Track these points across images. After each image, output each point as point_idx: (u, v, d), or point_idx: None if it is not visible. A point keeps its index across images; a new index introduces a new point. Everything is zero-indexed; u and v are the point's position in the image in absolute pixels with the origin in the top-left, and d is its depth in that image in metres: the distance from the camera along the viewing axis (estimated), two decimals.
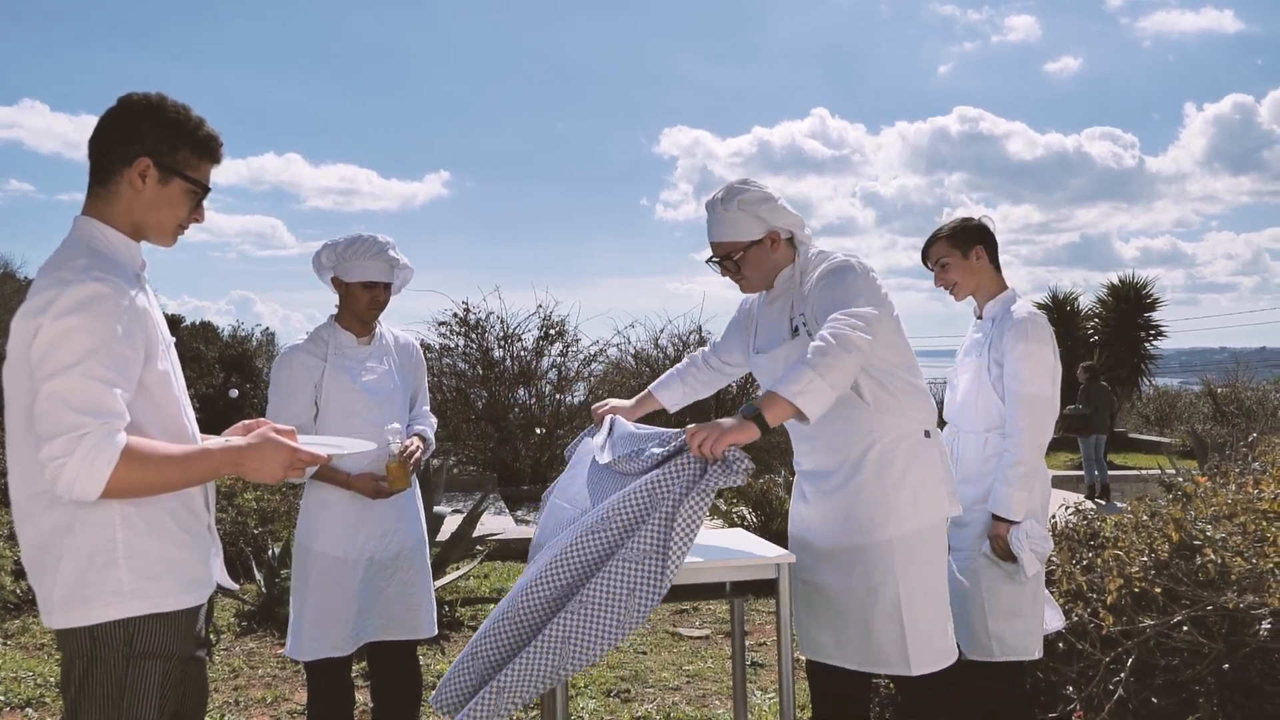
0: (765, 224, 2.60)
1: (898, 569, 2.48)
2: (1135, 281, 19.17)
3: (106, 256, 1.78)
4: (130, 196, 1.82)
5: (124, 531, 1.74)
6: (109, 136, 1.82)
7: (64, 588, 1.73)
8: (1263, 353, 71.06)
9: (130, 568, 1.74)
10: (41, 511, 1.73)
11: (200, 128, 1.86)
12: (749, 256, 2.62)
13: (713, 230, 2.66)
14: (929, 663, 2.49)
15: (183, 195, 1.86)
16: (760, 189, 2.62)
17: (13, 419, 1.73)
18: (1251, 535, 3.16)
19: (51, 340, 1.65)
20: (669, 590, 2.14)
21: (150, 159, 1.81)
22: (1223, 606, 2.96)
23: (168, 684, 1.78)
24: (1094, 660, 3.17)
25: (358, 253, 2.96)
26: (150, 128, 1.81)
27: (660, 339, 13.83)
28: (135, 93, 1.85)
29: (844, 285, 2.45)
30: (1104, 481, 11.12)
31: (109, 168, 1.82)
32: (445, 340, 12.29)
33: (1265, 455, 3.83)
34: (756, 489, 6.76)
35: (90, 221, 1.83)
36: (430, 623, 3.09)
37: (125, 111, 1.83)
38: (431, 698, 2.35)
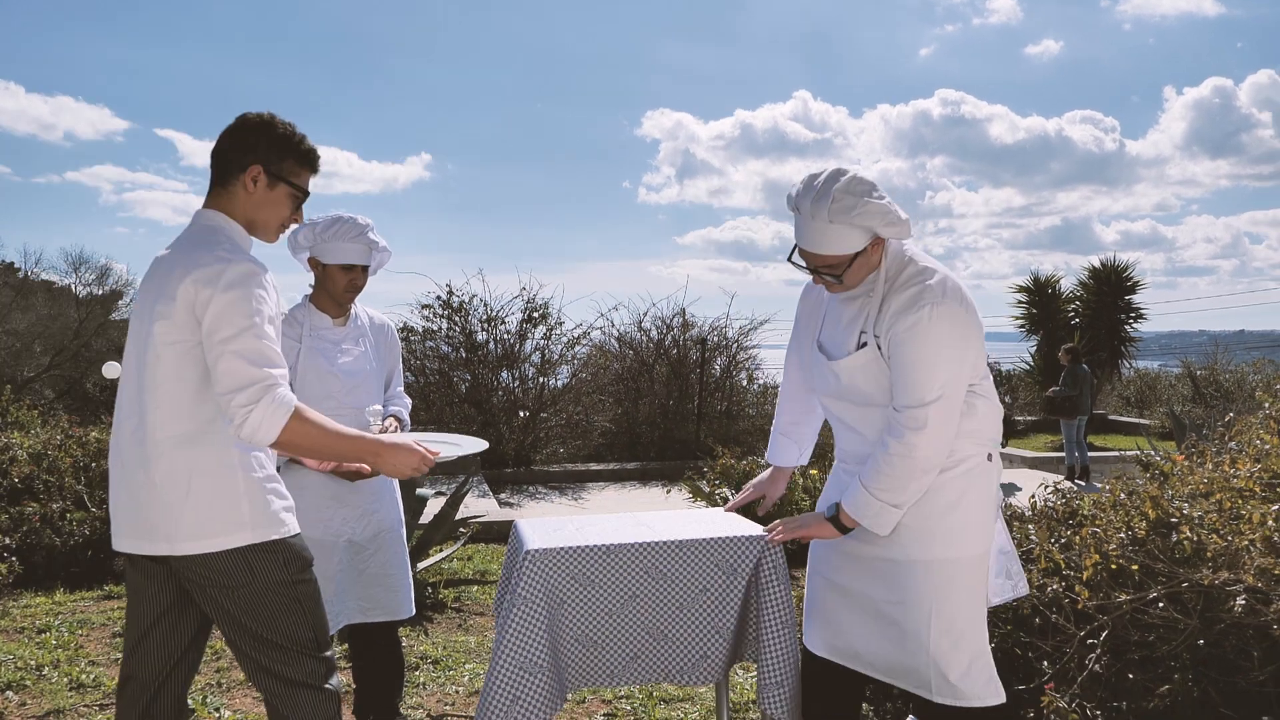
0: (871, 233, 2.32)
1: (933, 593, 2.35)
2: (1116, 265, 19.30)
3: (237, 243, 2.15)
4: (244, 197, 2.19)
5: (242, 473, 2.09)
6: (229, 146, 2.19)
7: (194, 520, 2.05)
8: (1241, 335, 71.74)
9: (250, 503, 2.10)
10: (173, 450, 2.06)
11: (302, 142, 2.24)
12: (851, 269, 2.36)
13: (809, 238, 2.34)
14: (949, 695, 2.36)
15: (286, 198, 2.23)
16: (870, 196, 2.28)
17: (163, 367, 2.06)
18: (1227, 513, 3.20)
19: (223, 309, 2.00)
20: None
21: (261, 166, 2.18)
22: (1198, 583, 3.00)
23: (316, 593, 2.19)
24: (1068, 634, 3.21)
25: (337, 234, 2.94)
26: (263, 141, 2.19)
27: (644, 321, 13.84)
28: (250, 112, 2.22)
29: (930, 345, 2.28)
30: (1084, 463, 11.21)
31: (228, 172, 2.19)
32: (428, 323, 12.25)
33: (1241, 435, 3.87)
34: (740, 470, 6.78)
35: (216, 214, 2.19)
36: (409, 603, 3.10)
37: (242, 126, 2.20)
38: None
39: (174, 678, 2.24)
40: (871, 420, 2.45)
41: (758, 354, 14.42)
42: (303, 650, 2.17)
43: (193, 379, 2.07)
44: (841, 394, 2.49)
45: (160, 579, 2.20)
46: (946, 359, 2.29)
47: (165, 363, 2.07)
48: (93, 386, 22.20)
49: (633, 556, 2.54)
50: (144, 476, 2.09)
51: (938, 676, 2.35)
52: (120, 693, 2.25)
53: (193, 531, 2.07)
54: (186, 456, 2.07)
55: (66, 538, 5.82)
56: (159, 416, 2.07)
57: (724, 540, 2.59)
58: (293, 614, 2.15)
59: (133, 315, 2.20)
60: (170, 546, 2.08)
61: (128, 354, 2.19)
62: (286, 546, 2.16)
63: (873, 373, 2.39)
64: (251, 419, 1.97)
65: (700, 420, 13.01)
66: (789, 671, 2.56)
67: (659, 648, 2.58)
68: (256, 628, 2.13)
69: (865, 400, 2.45)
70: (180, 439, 2.07)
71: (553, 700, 2.46)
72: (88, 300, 25.48)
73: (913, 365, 2.29)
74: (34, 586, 5.59)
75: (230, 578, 2.10)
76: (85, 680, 3.99)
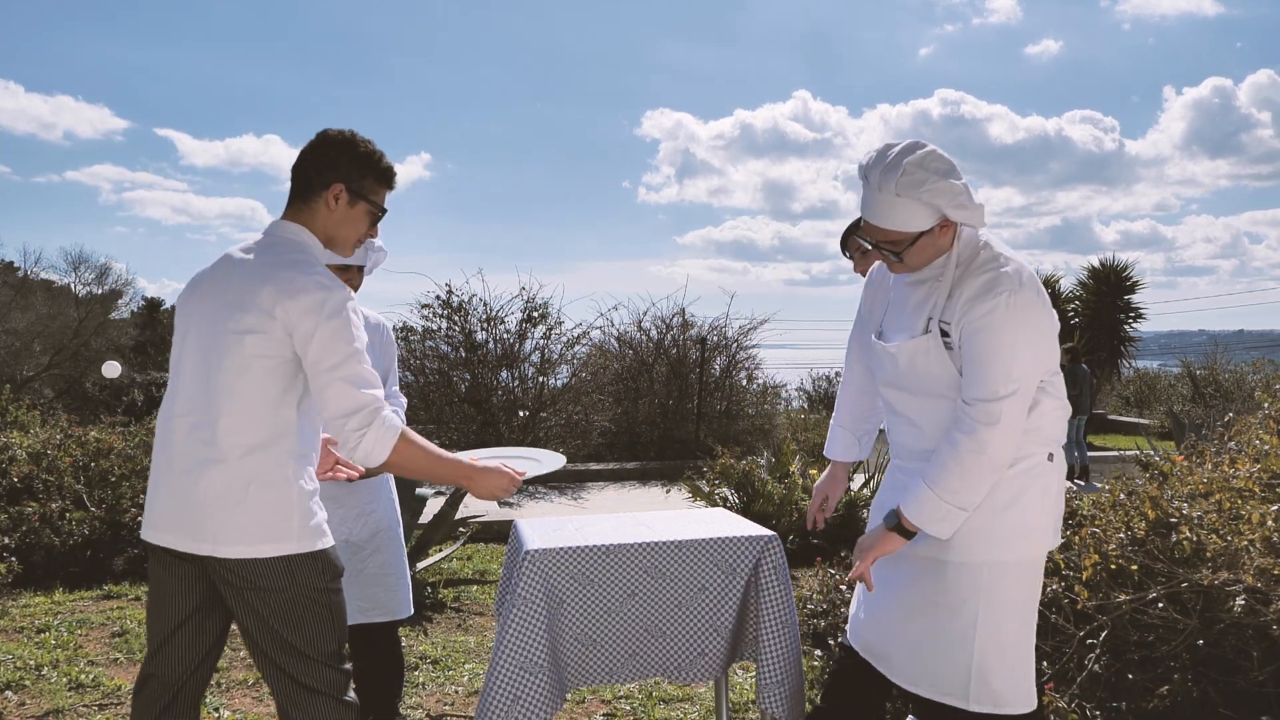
0: (940, 213, 2.20)
1: (982, 597, 2.25)
2: (1115, 265, 19.30)
3: (320, 260, 2.20)
4: (325, 214, 2.23)
5: (296, 485, 2.13)
6: (312, 162, 2.23)
7: (246, 525, 2.08)
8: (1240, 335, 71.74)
9: (299, 514, 2.12)
10: (239, 458, 2.08)
11: (382, 160, 2.27)
12: (914, 248, 2.24)
13: (873, 209, 2.23)
14: (989, 702, 2.26)
15: (365, 215, 2.27)
16: (943, 175, 2.17)
17: (249, 378, 2.09)
18: (1227, 513, 3.20)
19: (329, 337, 2.06)
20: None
21: (343, 185, 2.22)
22: (1198, 583, 3.00)
23: (344, 604, 2.22)
24: (1068, 635, 3.21)
25: None
26: (345, 159, 2.22)
27: (643, 321, 13.83)
28: (331, 130, 2.25)
29: (1006, 335, 2.16)
30: (1083, 463, 11.22)
31: (309, 188, 2.22)
32: (428, 323, 12.24)
33: (1241, 435, 3.87)
34: (739, 470, 6.78)
35: (300, 229, 2.22)
36: (408, 603, 3.09)
37: (325, 144, 2.23)
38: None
39: (195, 679, 2.25)
40: (928, 412, 2.34)
41: (757, 354, 14.42)
42: (326, 660, 2.18)
43: (274, 392, 2.11)
44: (899, 381, 2.39)
45: (190, 579, 2.20)
46: (1023, 350, 2.17)
47: (252, 375, 2.09)
48: (92, 386, 22.20)
49: (632, 556, 2.54)
50: (202, 478, 2.09)
51: (978, 683, 2.24)
52: (139, 692, 2.25)
53: (242, 536, 2.08)
54: (250, 464, 2.09)
55: (66, 537, 5.81)
56: (233, 423, 2.09)
57: (723, 540, 2.59)
58: (323, 623, 2.17)
59: (193, 309, 2.19)
60: (214, 548, 2.09)
61: (189, 350, 2.18)
62: (325, 556, 2.18)
63: (934, 360, 2.29)
64: (365, 442, 2.06)
65: (700, 420, 13.01)
66: (788, 671, 2.56)
67: (656, 644, 2.58)
68: (286, 633, 2.14)
69: (923, 389, 2.34)
70: (248, 448, 2.09)
71: (553, 700, 2.47)
72: (87, 299, 25.47)
73: (988, 356, 2.17)
74: (33, 586, 5.59)
75: (270, 581, 2.11)
76: (84, 680, 3.99)
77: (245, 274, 2.14)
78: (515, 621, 2.45)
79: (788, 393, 19.95)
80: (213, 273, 2.22)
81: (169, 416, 2.19)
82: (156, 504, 2.18)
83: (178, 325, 2.26)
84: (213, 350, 2.12)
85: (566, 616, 2.53)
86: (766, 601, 2.58)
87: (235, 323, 2.10)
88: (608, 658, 2.57)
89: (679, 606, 2.58)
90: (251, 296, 2.10)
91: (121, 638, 4.59)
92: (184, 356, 2.19)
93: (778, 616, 2.57)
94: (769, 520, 6.30)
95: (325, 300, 2.07)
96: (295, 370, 2.12)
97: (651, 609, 2.57)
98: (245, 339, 2.09)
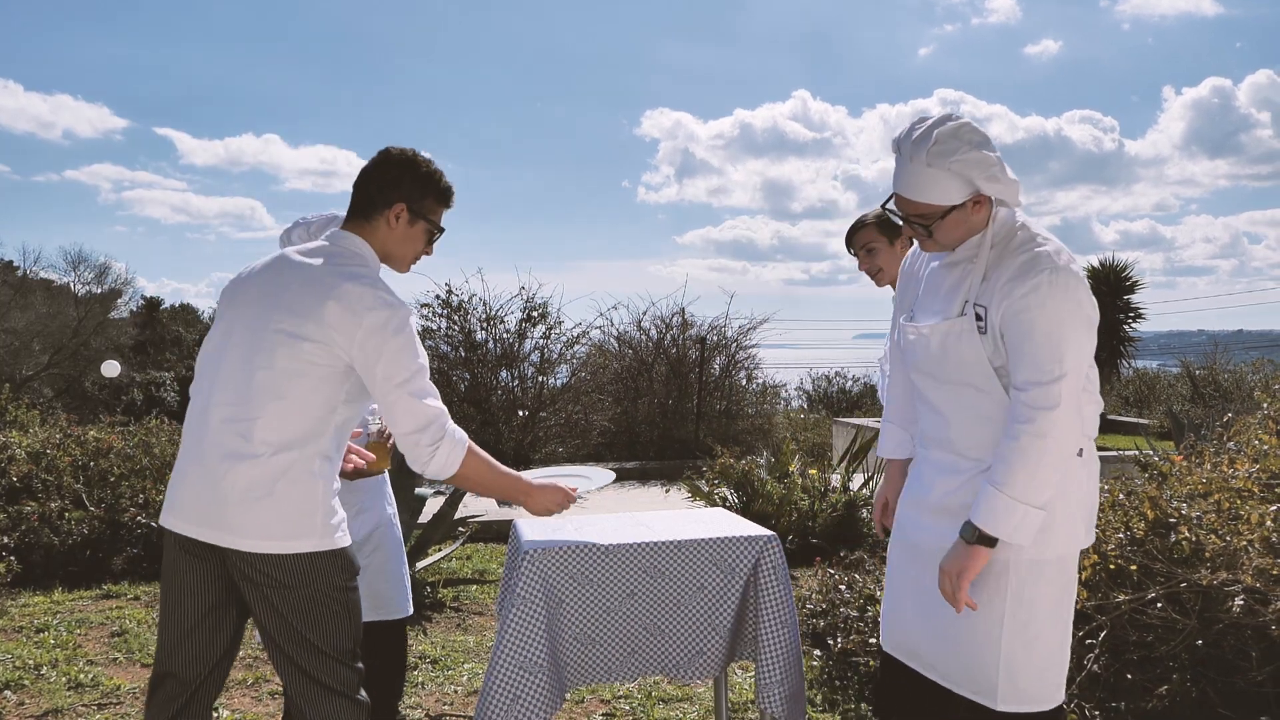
0: (972, 186, 2.13)
1: (1010, 595, 2.17)
2: (1115, 264, 19.29)
3: (379, 274, 2.27)
4: (385, 231, 2.28)
5: (323, 484, 2.16)
6: (375, 180, 2.28)
7: (271, 521, 2.10)
8: (1240, 335, 71.79)
9: (323, 512, 2.16)
10: (273, 454, 2.11)
11: (442, 180, 2.33)
12: (945, 222, 2.17)
13: (903, 183, 2.17)
14: (1016, 701, 2.19)
15: (423, 234, 2.33)
16: (976, 147, 2.11)
17: (302, 383, 2.12)
18: (1226, 513, 3.20)
19: (395, 354, 2.12)
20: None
21: (405, 204, 2.27)
22: (1197, 583, 3.00)
23: (359, 602, 2.24)
24: None
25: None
26: (407, 179, 2.28)
27: (643, 321, 13.84)
28: (394, 148, 2.31)
29: (1051, 314, 2.08)
30: None
31: (372, 205, 2.28)
32: (427, 322, 12.24)
33: (1240, 435, 3.87)
34: (739, 470, 6.78)
35: (362, 242, 2.27)
36: (407, 601, 3.09)
37: (388, 162, 2.29)
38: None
39: (212, 678, 2.25)
40: (955, 401, 2.27)
41: (757, 353, 14.43)
42: (341, 658, 2.19)
43: (320, 397, 2.15)
44: (929, 366, 2.32)
45: (209, 573, 2.20)
46: (1070, 330, 2.08)
47: (304, 379, 2.13)
48: (91, 385, 22.20)
49: (631, 556, 2.55)
50: (232, 471, 2.11)
51: (1006, 681, 2.17)
52: (155, 690, 2.24)
53: (267, 531, 2.10)
54: (281, 462, 2.12)
55: (65, 537, 5.81)
56: (272, 422, 2.12)
57: (722, 540, 2.59)
58: (340, 620, 2.18)
59: (241, 306, 2.21)
60: (235, 540, 2.11)
61: (233, 344, 2.19)
62: (345, 554, 2.21)
63: (966, 344, 2.20)
64: (439, 456, 2.16)
65: (699, 420, 13.01)
66: (788, 670, 2.56)
67: (655, 643, 2.58)
68: (304, 630, 2.15)
69: (951, 376, 2.27)
70: (283, 445, 2.12)
71: (552, 700, 2.47)
72: (86, 299, 25.47)
73: (1035, 336, 2.08)
74: (32, 586, 5.59)
75: (293, 578, 2.13)
76: (83, 680, 3.99)
77: (305, 280, 2.17)
78: (515, 621, 2.45)
79: (787, 392, 19.94)
80: (266, 273, 2.24)
81: (205, 407, 2.19)
82: (182, 493, 2.18)
83: (222, 318, 2.27)
84: (260, 349, 2.14)
85: (566, 616, 2.53)
86: (765, 601, 2.58)
87: (291, 326, 2.13)
88: (607, 656, 2.57)
89: (677, 605, 2.58)
90: (314, 306, 2.12)
91: (120, 637, 4.59)
92: (227, 350, 2.20)
93: (777, 616, 2.57)
94: (768, 520, 6.30)
95: (390, 318, 2.12)
96: (343, 378, 2.16)
97: (650, 608, 2.57)
98: (301, 345, 2.12)
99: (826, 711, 3.58)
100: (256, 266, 2.29)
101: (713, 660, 2.61)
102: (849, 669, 3.83)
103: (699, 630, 2.60)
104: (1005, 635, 2.16)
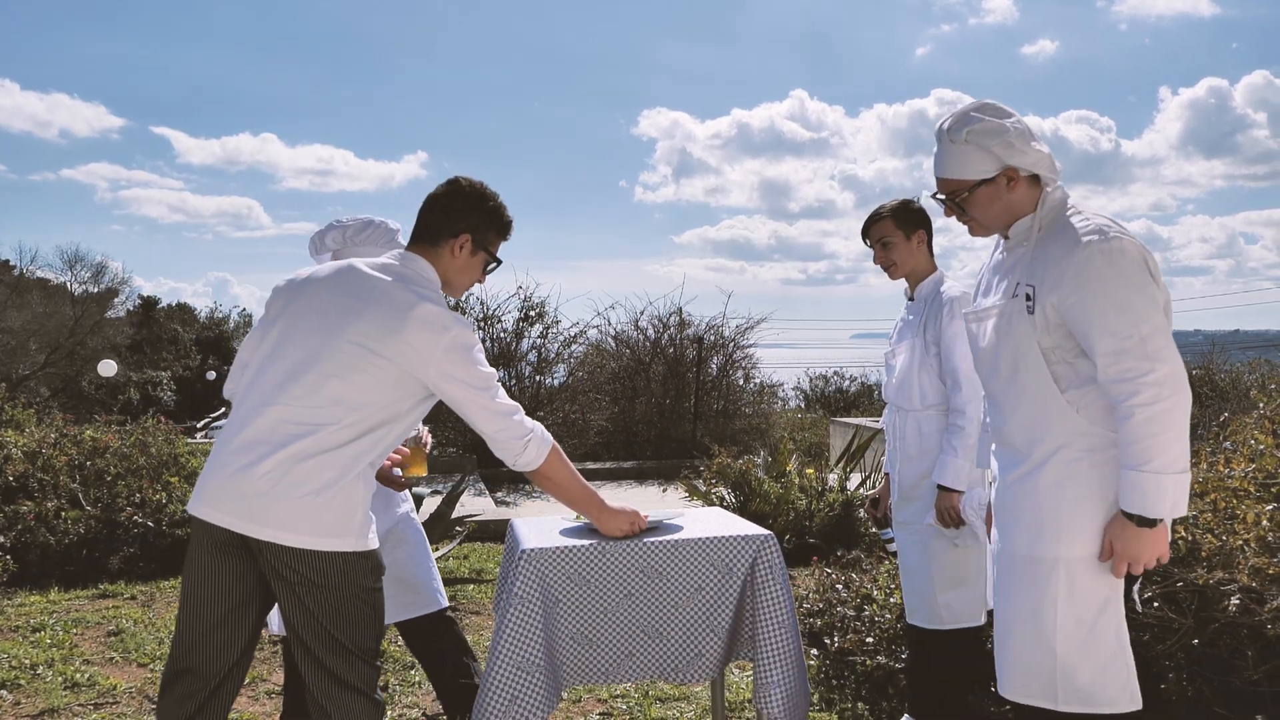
0: (999, 160, 2.20)
1: (1060, 594, 2.13)
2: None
3: (444, 299, 2.35)
4: (449, 259, 2.36)
5: (363, 486, 2.22)
6: (444, 209, 2.36)
7: (314, 517, 2.13)
8: (1236, 335, 71.90)
9: (361, 514, 2.22)
10: (326, 453, 2.15)
11: (506, 215, 2.43)
12: (975, 197, 2.23)
13: (938, 163, 2.29)
14: (1077, 701, 2.14)
15: (481, 264, 2.42)
16: (998, 119, 2.20)
17: (370, 393, 2.18)
18: (1222, 513, 3.20)
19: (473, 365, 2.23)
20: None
21: (470, 236, 2.36)
22: (1193, 582, 3.00)
23: (383, 603, 2.31)
24: None
25: (368, 239, 2.90)
26: (475, 212, 2.37)
27: (640, 320, 13.85)
28: (463, 179, 2.39)
29: (1112, 282, 2.04)
30: None
31: (439, 232, 2.36)
32: None
33: (1236, 435, 3.87)
34: (736, 470, 6.78)
35: (429, 266, 2.35)
36: (438, 595, 3.08)
37: (459, 194, 2.37)
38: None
39: (232, 677, 2.26)
40: (1007, 397, 2.25)
41: (754, 353, 14.44)
42: (365, 657, 2.24)
43: (380, 407, 2.21)
44: (986, 355, 2.31)
45: (239, 571, 2.22)
46: (1138, 293, 2.04)
47: (373, 392, 2.20)
48: (88, 384, 22.17)
49: (628, 555, 2.55)
50: (284, 467, 2.14)
51: (1065, 681, 2.13)
52: (171, 686, 2.23)
53: (308, 528, 2.14)
54: (332, 460, 2.16)
55: (61, 536, 5.81)
56: (337, 425, 2.17)
57: (719, 540, 2.59)
58: (367, 620, 2.23)
59: (306, 307, 2.25)
60: (275, 535, 2.13)
61: (294, 344, 2.23)
62: (375, 556, 2.27)
63: (1017, 327, 2.19)
64: (530, 449, 2.32)
65: (697, 419, 13.01)
66: (786, 671, 2.56)
67: (653, 645, 2.58)
68: (333, 628, 2.18)
69: (1004, 364, 2.25)
70: (336, 446, 2.17)
71: (549, 699, 2.47)
72: (83, 298, 25.43)
73: (1106, 307, 2.05)
74: (28, 585, 5.58)
75: (325, 577, 2.16)
76: (80, 679, 3.98)
77: (382, 296, 2.22)
78: (512, 621, 2.45)
79: (784, 392, 19.95)
80: (336, 279, 2.28)
81: (259, 403, 2.20)
82: (218, 483, 2.18)
83: (282, 315, 2.29)
84: (327, 354, 2.19)
85: (563, 616, 2.53)
86: (763, 601, 2.58)
87: (369, 340, 2.18)
88: (604, 658, 2.57)
89: (675, 607, 2.58)
90: (396, 325, 2.18)
91: (117, 637, 4.59)
92: (287, 349, 2.23)
93: (774, 616, 2.57)
94: (766, 520, 6.30)
95: (463, 334, 2.23)
96: (408, 394, 2.23)
97: (648, 610, 2.57)
98: (376, 359, 2.18)
99: (824, 710, 3.58)
100: (321, 272, 2.33)
101: (711, 662, 2.61)
102: (846, 668, 3.84)
103: (697, 632, 2.59)
104: (1060, 633, 2.12)
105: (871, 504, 3.45)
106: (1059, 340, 2.15)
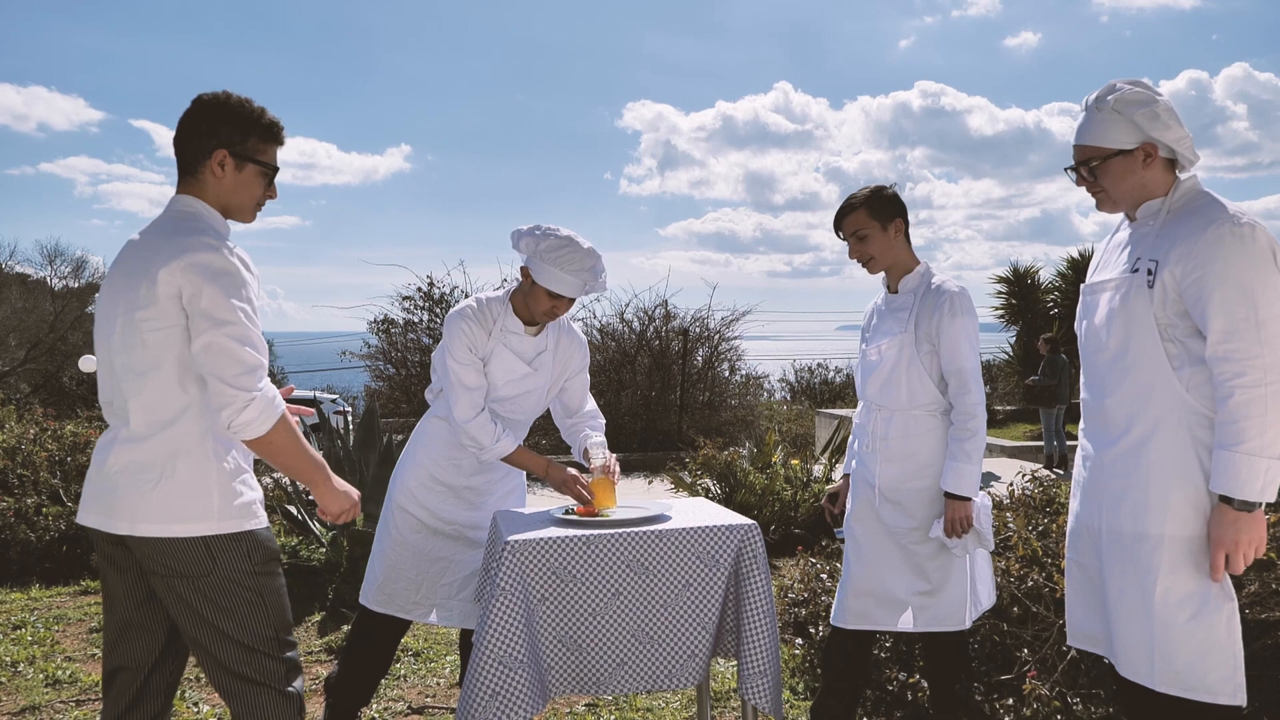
0: (1141, 133, 2.19)
1: (1162, 573, 2.10)
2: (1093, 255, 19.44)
3: (217, 230, 2.13)
4: (214, 183, 2.15)
5: (215, 463, 2.09)
6: (190, 133, 2.14)
7: (163, 504, 2.04)
8: None
9: (220, 493, 2.08)
10: (150, 435, 2.05)
11: (263, 116, 2.17)
12: (1109, 166, 2.23)
13: (1079, 131, 2.27)
14: (1174, 684, 2.10)
15: (256, 177, 2.19)
16: (1147, 90, 2.19)
17: (146, 353, 2.04)
18: None
19: (216, 293, 1.99)
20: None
21: (226, 150, 2.13)
22: None
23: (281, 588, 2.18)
24: (1048, 623, 3.23)
25: (558, 260, 2.85)
26: (223, 123, 2.13)
27: (626, 313, 13.83)
28: (205, 93, 2.15)
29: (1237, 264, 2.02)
30: (1062, 451, 11.30)
31: (193, 160, 2.15)
32: (409, 315, 12.19)
33: None
34: (721, 461, 6.78)
35: (193, 200, 2.15)
36: None
37: (200, 110, 2.14)
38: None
39: (162, 665, 2.22)
40: (1112, 372, 2.22)
41: (739, 345, 14.45)
42: (262, 648, 2.13)
43: (173, 366, 2.05)
44: (1099, 334, 2.28)
45: (134, 573, 2.18)
46: (1261, 282, 2.02)
47: (149, 349, 2.05)
48: (69, 380, 21.99)
49: (612, 547, 2.53)
50: (119, 457, 2.09)
51: (1162, 662, 2.09)
52: (109, 684, 2.22)
53: (159, 515, 2.05)
54: (163, 442, 2.06)
55: (42, 533, 5.76)
56: (139, 401, 2.07)
57: (703, 530, 2.58)
58: (253, 608, 2.11)
59: (102, 299, 2.16)
60: (130, 527, 2.06)
61: (100, 338, 2.17)
62: (251, 538, 2.13)
63: (1135, 302, 2.16)
64: (249, 410, 2.00)
65: (682, 411, 13.02)
66: (771, 660, 2.55)
67: (645, 651, 2.55)
68: (216, 620, 2.09)
69: (1109, 343, 2.23)
70: (158, 425, 2.06)
71: (534, 698, 2.45)
72: (63, 293, 25.20)
73: (1227, 288, 2.03)
74: (9, 582, 5.54)
75: (192, 566, 2.07)
76: (61, 676, 3.95)
77: (137, 253, 2.10)
78: (495, 615, 2.43)
79: (770, 384, 19.97)
80: (116, 261, 2.18)
81: (106, 401, 2.17)
82: (89, 486, 2.17)
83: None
84: (114, 333, 2.10)
85: (548, 614, 2.52)
86: (747, 591, 2.57)
87: (129, 301, 2.06)
88: (595, 665, 2.54)
89: (665, 607, 2.56)
90: (140, 272, 2.04)
91: (98, 633, 4.55)
92: (99, 346, 2.18)
93: (759, 606, 2.56)
94: (751, 511, 6.31)
95: (213, 259, 2.00)
96: (187, 342, 2.04)
97: (637, 610, 2.54)
98: (136, 314, 2.04)
99: (808, 699, 3.59)
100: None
101: (701, 662, 2.60)
102: None
103: (688, 631, 2.58)
104: (1158, 612, 2.09)
105: (830, 499, 3.24)
106: (1175, 317, 2.13)
